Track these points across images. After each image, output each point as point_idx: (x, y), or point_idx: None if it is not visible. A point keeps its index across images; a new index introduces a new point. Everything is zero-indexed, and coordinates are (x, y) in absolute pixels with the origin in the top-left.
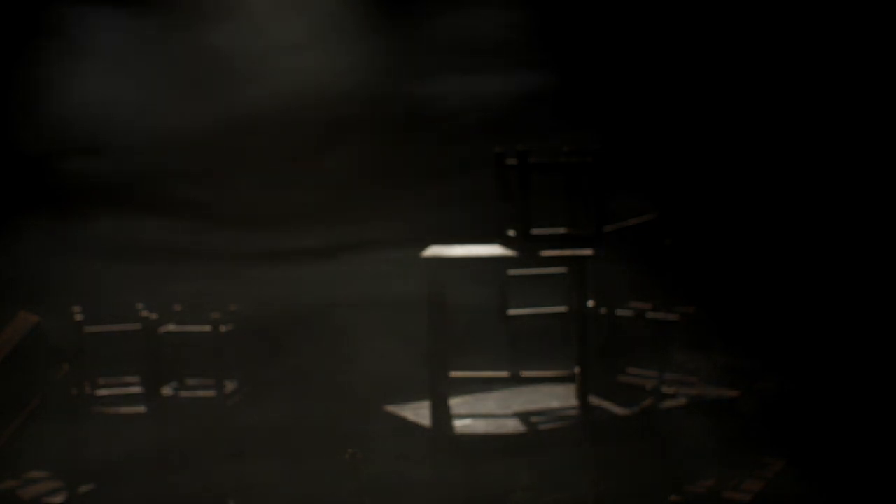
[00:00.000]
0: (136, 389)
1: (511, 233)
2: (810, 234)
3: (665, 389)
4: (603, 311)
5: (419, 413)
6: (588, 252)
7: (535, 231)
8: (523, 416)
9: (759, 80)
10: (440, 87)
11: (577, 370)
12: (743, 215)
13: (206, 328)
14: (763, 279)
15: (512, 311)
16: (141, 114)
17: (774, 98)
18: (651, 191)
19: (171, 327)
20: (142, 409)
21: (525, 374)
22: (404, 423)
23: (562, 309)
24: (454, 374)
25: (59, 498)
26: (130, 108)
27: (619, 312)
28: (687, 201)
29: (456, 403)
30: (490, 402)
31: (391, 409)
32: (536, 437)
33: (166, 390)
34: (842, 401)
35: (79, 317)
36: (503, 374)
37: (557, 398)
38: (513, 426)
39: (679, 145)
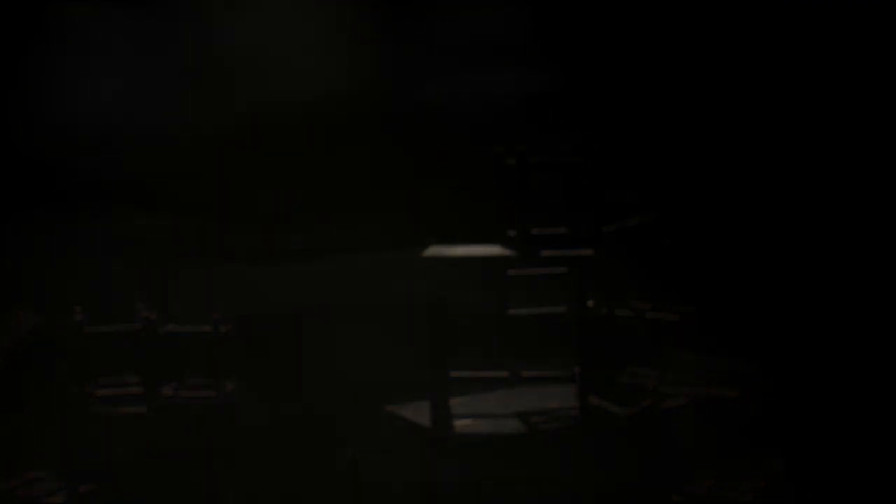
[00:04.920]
0: (136, 389)
1: (511, 233)
2: (810, 235)
3: (665, 389)
4: (603, 311)
5: (419, 413)
6: (588, 252)
7: (535, 231)
8: (523, 416)
9: (759, 81)
10: (440, 86)
11: (577, 370)
12: (742, 216)
13: (206, 328)
14: (763, 279)
15: (512, 311)
16: (142, 113)
17: (773, 99)
18: (651, 191)
19: (171, 327)
20: (142, 409)
21: (525, 374)
22: (404, 423)
23: (562, 309)
24: (454, 374)
25: (59, 498)
26: (131, 108)
27: (619, 312)
28: (686, 202)
29: (456, 403)
30: (490, 402)
31: (391, 409)
32: (536, 437)
33: (166, 390)
34: (841, 401)
35: (79, 317)
36: (503, 374)
37: (557, 398)
38: (513, 426)
39: (679, 146)
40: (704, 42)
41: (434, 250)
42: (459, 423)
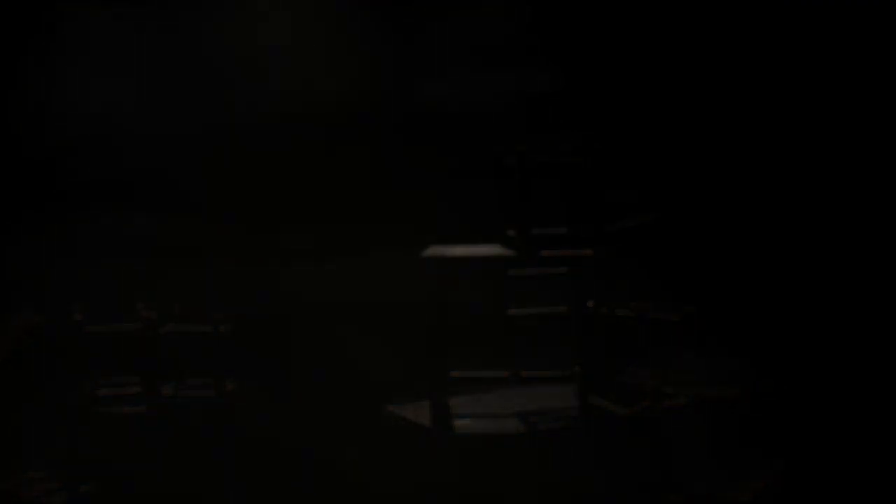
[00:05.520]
0: (136, 389)
1: (511, 233)
2: (810, 235)
3: (665, 389)
4: (603, 311)
5: (419, 413)
6: (588, 252)
7: (535, 231)
8: (523, 416)
9: (759, 81)
10: (440, 86)
11: (577, 370)
12: (743, 216)
13: (207, 328)
14: (763, 279)
15: (512, 311)
16: (141, 113)
17: (773, 99)
18: (651, 191)
19: (171, 327)
20: (142, 409)
21: (525, 374)
22: (404, 423)
23: (562, 309)
24: (454, 374)
25: (59, 498)
26: (131, 108)
27: (619, 312)
28: (687, 201)
29: (456, 403)
30: (490, 402)
31: (391, 409)
32: (536, 437)
33: (166, 390)
34: (842, 401)
35: (79, 317)
36: (503, 374)
37: (557, 398)
38: (513, 426)
39: (680, 146)
40: (705, 43)
41: (434, 250)
42: (459, 423)
